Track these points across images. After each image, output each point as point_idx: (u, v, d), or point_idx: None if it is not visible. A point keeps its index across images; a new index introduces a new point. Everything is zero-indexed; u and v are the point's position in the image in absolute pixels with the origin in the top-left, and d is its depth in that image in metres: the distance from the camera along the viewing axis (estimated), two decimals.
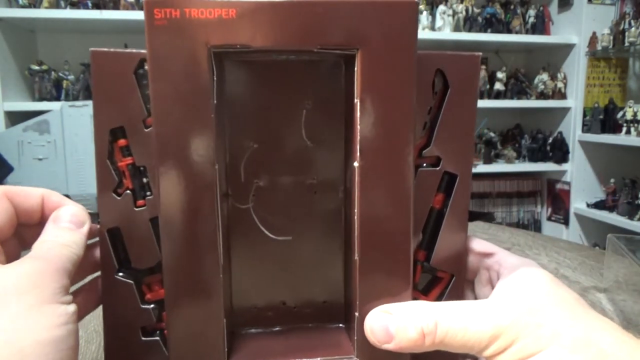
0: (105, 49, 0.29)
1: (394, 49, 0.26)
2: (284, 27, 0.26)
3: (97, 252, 0.30)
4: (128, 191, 0.30)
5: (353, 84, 0.28)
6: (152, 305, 0.31)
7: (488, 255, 0.31)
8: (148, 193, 0.30)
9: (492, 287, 0.29)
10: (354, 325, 0.29)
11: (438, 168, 0.31)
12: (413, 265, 0.32)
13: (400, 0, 0.26)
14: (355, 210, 0.28)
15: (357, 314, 0.29)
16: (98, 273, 0.31)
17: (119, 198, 0.30)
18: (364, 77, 0.27)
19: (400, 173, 0.28)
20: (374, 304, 0.28)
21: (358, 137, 0.27)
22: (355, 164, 0.28)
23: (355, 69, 0.27)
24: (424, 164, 0.31)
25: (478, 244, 0.32)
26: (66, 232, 0.27)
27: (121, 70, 0.29)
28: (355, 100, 0.27)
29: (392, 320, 0.26)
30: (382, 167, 0.27)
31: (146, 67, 0.29)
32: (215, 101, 0.27)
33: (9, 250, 0.28)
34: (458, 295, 0.31)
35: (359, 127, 0.27)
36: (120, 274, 0.30)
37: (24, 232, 0.29)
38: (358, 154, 0.27)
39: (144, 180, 0.30)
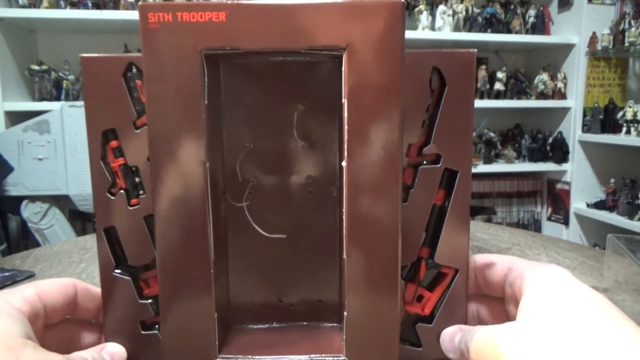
0: (95, 55, 0.30)
1: (380, 50, 0.27)
2: (271, 29, 0.27)
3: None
4: (121, 191, 0.31)
5: None
6: (150, 300, 0.32)
7: (508, 269, 0.30)
8: (141, 192, 0.32)
9: (516, 303, 0.28)
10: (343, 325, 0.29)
11: (438, 165, 0.31)
12: (417, 262, 0.32)
13: (386, 2, 0.26)
14: (344, 210, 0.28)
15: (345, 313, 0.29)
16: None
17: (113, 198, 0.31)
18: (350, 78, 0.27)
19: (388, 173, 0.28)
20: (362, 303, 0.28)
21: (346, 137, 0.27)
22: (343, 163, 0.28)
23: (343, 69, 0.27)
24: (424, 162, 0.31)
25: (496, 259, 0.31)
26: None
27: (110, 74, 0.30)
28: (343, 100, 0.27)
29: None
30: (370, 167, 0.27)
31: (134, 70, 0.30)
32: (206, 102, 0.27)
33: (54, 336, 0.29)
34: (462, 289, 0.32)
35: (346, 127, 0.27)
36: (118, 270, 0.31)
37: (76, 327, 0.31)
38: (345, 153, 0.27)
39: (136, 179, 0.32)
